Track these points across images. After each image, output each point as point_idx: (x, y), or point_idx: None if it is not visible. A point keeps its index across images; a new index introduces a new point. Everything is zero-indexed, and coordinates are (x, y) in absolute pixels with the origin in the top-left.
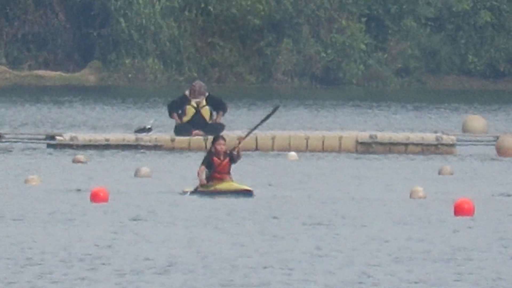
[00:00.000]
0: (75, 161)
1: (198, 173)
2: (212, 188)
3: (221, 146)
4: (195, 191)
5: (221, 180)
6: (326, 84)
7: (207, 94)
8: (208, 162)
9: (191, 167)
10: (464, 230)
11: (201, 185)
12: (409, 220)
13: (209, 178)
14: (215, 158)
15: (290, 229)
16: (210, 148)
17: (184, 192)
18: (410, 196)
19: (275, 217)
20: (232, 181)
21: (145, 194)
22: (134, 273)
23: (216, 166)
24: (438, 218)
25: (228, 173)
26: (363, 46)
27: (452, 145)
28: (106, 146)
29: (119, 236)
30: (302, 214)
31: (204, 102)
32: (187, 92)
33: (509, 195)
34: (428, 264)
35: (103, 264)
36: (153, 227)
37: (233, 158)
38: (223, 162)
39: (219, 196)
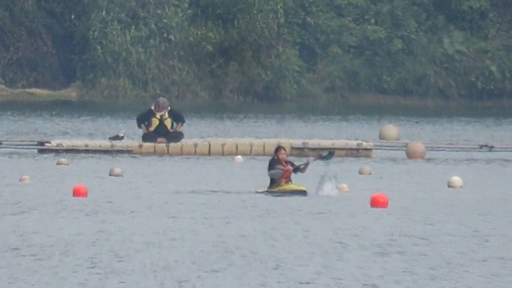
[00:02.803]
0: (58, 163)
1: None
2: (276, 189)
3: (282, 155)
4: (265, 192)
5: (285, 183)
6: (266, 100)
7: (169, 108)
8: (272, 169)
9: (156, 168)
10: (380, 220)
11: (272, 186)
12: (333, 211)
13: (273, 183)
14: (280, 166)
15: (240, 222)
16: (273, 157)
17: (257, 192)
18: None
19: (228, 211)
20: (291, 183)
21: (118, 190)
22: (113, 258)
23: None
24: (357, 209)
25: (289, 177)
26: (296, 68)
27: (370, 149)
28: (86, 151)
29: (98, 225)
30: (249, 208)
31: (166, 115)
32: (152, 107)
33: (417, 190)
34: (351, 251)
35: (83, 250)
36: (126, 217)
37: (297, 170)
38: (285, 169)
39: (277, 196)
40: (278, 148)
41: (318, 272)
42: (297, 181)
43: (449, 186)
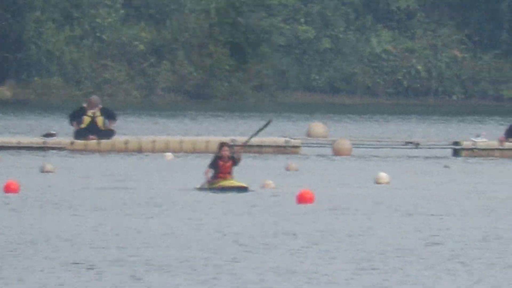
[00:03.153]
0: None
1: (205, 173)
2: (216, 185)
3: (225, 152)
4: (203, 187)
5: (224, 179)
6: (197, 98)
7: (101, 106)
8: (214, 164)
9: (87, 164)
10: (306, 216)
11: (207, 182)
12: (259, 207)
13: (214, 177)
14: (220, 161)
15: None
16: (217, 153)
17: (196, 188)
18: (262, 188)
19: (156, 206)
20: (232, 179)
21: (49, 186)
22: (40, 253)
23: (220, 168)
24: (284, 205)
25: (230, 173)
26: (227, 67)
27: (298, 146)
28: (18, 148)
29: (29, 221)
30: (177, 204)
31: (98, 113)
32: (84, 105)
33: (344, 186)
34: (277, 247)
35: (13, 246)
36: (57, 212)
37: (235, 161)
38: (226, 164)
39: (216, 192)
40: (222, 145)
41: (243, 267)
42: (239, 178)
43: (376, 183)
